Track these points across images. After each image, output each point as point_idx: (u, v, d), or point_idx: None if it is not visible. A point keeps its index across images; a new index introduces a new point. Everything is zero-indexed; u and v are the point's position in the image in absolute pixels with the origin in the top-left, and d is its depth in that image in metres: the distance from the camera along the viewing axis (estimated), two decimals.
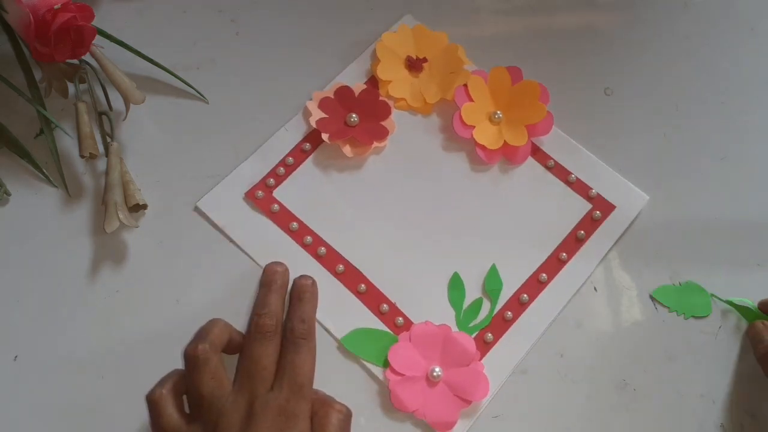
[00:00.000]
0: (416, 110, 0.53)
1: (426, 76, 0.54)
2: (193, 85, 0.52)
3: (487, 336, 0.47)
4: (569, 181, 0.51)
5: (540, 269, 0.49)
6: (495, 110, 0.53)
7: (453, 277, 0.48)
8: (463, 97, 0.52)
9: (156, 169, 0.50)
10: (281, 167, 0.50)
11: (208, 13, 0.55)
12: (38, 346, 0.45)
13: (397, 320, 0.47)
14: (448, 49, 0.54)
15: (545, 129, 0.52)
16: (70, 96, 0.50)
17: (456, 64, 0.54)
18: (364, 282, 0.47)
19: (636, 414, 0.46)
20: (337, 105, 0.52)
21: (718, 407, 0.47)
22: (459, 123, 0.52)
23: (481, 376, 0.45)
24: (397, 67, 0.54)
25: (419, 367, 0.45)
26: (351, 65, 0.54)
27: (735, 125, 0.55)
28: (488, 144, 0.51)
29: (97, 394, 0.44)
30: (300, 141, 0.51)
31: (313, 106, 0.52)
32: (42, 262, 0.47)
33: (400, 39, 0.54)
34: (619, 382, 0.47)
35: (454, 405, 0.44)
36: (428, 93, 0.53)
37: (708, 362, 0.48)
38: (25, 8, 0.44)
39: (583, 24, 0.57)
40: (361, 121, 0.51)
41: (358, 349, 0.46)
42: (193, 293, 0.47)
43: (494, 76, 0.53)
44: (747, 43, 0.58)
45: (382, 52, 0.54)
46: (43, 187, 0.49)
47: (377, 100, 0.52)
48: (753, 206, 0.52)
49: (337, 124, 0.51)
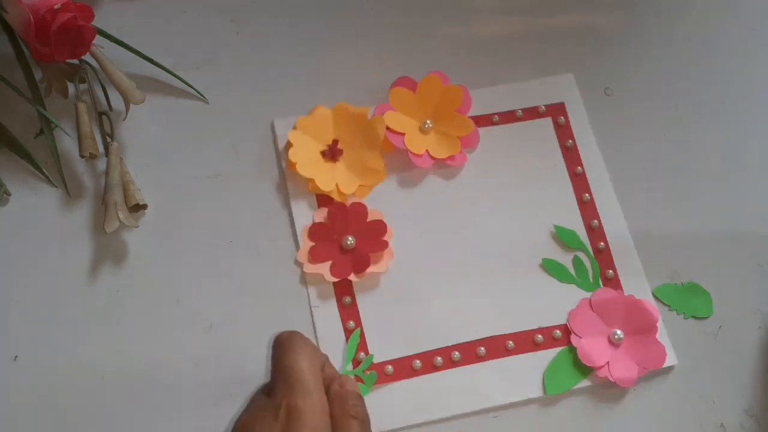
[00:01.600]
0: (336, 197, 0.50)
1: (344, 163, 0.50)
2: (193, 85, 0.52)
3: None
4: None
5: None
6: (424, 119, 0.51)
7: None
8: (384, 108, 0.51)
9: (156, 169, 0.50)
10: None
11: (208, 13, 0.55)
12: (38, 346, 0.45)
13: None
14: (368, 127, 0.51)
15: (474, 141, 0.52)
16: (70, 96, 0.50)
17: (376, 143, 0.51)
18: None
19: (636, 414, 0.46)
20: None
21: (718, 407, 0.47)
22: (391, 135, 0.51)
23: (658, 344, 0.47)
24: (313, 155, 0.50)
25: (601, 330, 0.47)
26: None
27: (735, 125, 0.55)
28: (417, 151, 0.50)
29: (97, 395, 0.44)
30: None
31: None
32: (42, 262, 0.47)
33: (316, 122, 0.51)
34: None
35: (634, 368, 0.46)
36: (346, 183, 0.50)
37: (708, 362, 0.48)
38: (25, 8, 0.44)
39: (583, 24, 0.57)
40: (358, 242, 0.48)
41: (561, 386, 0.46)
42: (193, 293, 0.47)
43: (425, 84, 0.52)
44: (747, 43, 0.58)
45: (296, 138, 0.50)
46: (43, 187, 0.49)
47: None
48: (753, 206, 0.52)
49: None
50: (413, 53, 0.54)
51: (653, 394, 0.47)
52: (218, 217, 0.49)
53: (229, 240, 0.49)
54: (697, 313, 0.49)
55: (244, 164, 0.50)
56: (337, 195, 0.49)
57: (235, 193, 0.50)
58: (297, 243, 0.48)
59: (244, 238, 0.49)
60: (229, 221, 0.49)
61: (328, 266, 0.47)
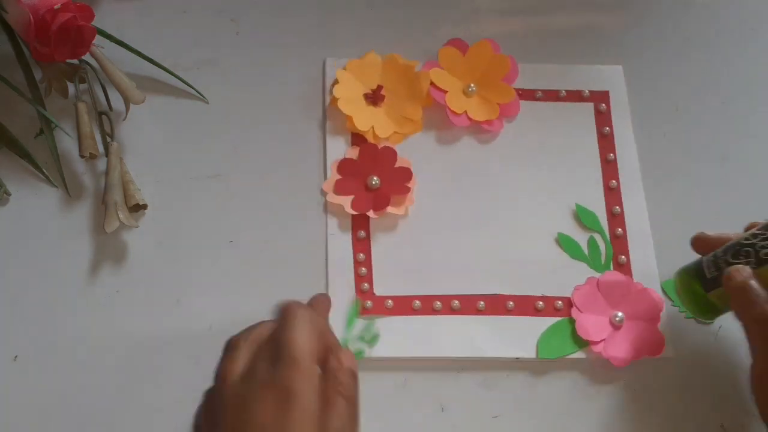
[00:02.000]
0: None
1: (387, 106, 0.53)
2: (193, 85, 0.52)
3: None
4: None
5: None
6: (469, 82, 0.53)
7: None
8: (432, 65, 0.53)
9: (156, 169, 0.50)
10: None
11: (208, 13, 0.55)
12: (38, 346, 0.45)
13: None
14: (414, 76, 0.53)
15: (513, 111, 0.53)
16: (70, 96, 0.50)
17: (418, 95, 0.53)
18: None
19: (636, 414, 0.46)
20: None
21: (718, 407, 0.47)
22: (432, 87, 0.53)
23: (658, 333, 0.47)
24: (356, 95, 0.53)
25: (603, 309, 0.48)
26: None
27: (735, 125, 0.55)
28: (456, 109, 0.52)
29: (97, 394, 0.44)
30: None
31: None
32: (42, 262, 0.47)
33: (365, 66, 0.53)
34: (619, 382, 0.47)
35: (630, 351, 0.46)
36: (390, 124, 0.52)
37: (708, 362, 0.48)
38: (25, 8, 0.44)
39: (583, 24, 0.57)
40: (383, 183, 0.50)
41: (553, 352, 0.47)
42: (193, 293, 0.47)
43: (477, 48, 0.54)
44: (747, 43, 0.58)
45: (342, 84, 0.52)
46: (43, 187, 0.49)
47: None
48: (753, 206, 0.52)
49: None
50: (408, 44, 0.55)
51: (653, 394, 0.47)
52: (218, 217, 0.49)
53: (229, 240, 0.49)
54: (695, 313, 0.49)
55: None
56: (371, 136, 0.51)
57: (235, 193, 0.50)
58: (326, 174, 0.50)
59: (268, 254, 0.49)
60: (229, 221, 0.49)
61: (350, 200, 0.49)
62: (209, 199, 0.50)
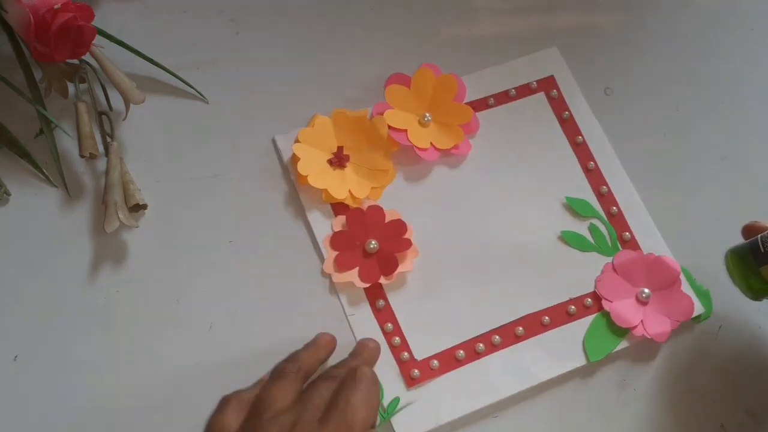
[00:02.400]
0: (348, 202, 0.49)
1: (352, 168, 0.50)
2: (193, 85, 0.52)
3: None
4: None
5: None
6: (423, 113, 0.52)
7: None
8: (382, 107, 0.51)
9: (156, 169, 0.50)
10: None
11: (208, 13, 0.55)
12: (38, 346, 0.45)
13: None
14: (371, 128, 0.51)
15: (474, 127, 0.52)
16: (70, 96, 0.50)
17: (380, 143, 0.51)
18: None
19: (636, 414, 0.46)
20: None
21: (718, 407, 0.47)
22: (394, 133, 0.50)
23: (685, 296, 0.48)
24: (321, 164, 0.50)
25: (628, 291, 0.48)
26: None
27: (735, 125, 0.55)
28: (422, 145, 0.51)
29: (96, 394, 0.44)
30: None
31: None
32: (42, 262, 0.47)
33: (318, 132, 0.51)
34: (619, 382, 0.47)
35: (666, 322, 0.47)
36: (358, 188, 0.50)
37: (708, 362, 0.48)
38: (25, 8, 0.44)
39: (583, 24, 0.57)
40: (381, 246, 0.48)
41: (602, 351, 0.47)
42: (193, 293, 0.47)
43: (418, 77, 0.52)
44: (747, 43, 0.58)
45: (301, 150, 0.50)
46: (43, 187, 0.49)
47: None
48: (753, 206, 0.52)
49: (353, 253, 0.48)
50: (404, 49, 0.54)
51: (653, 393, 0.47)
52: (218, 217, 0.49)
53: (229, 240, 0.49)
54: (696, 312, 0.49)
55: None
56: (351, 201, 0.49)
57: (235, 193, 0.50)
58: (319, 254, 0.48)
59: (266, 254, 0.48)
60: (229, 221, 0.49)
61: (356, 273, 0.47)
62: (209, 199, 0.50)
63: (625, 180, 0.52)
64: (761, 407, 0.47)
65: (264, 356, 0.44)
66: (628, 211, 0.51)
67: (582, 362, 0.46)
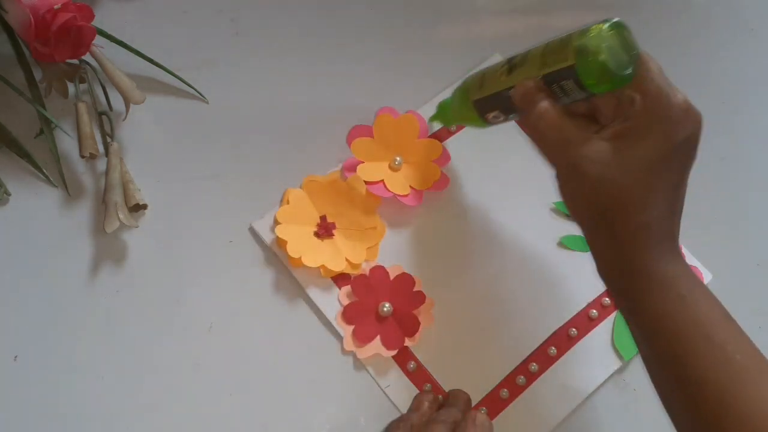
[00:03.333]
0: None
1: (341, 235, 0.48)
2: (193, 85, 0.52)
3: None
4: None
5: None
6: (392, 157, 0.50)
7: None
8: (351, 163, 0.50)
9: (156, 169, 0.50)
10: None
11: (208, 13, 0.55)
12: (38, 346, 0.45)
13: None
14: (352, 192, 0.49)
15: (446, 158, 0.51)
16: (70, 96, 0.50)
17: (362, 202, 0.49)
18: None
19: (636, 414, 0.46)
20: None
21: None
22: (372, 187, 0.49)
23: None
24: (308, 240, 0.48)
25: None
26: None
27: (735, 125, 0.55)
28: (402, 191, 0.49)
29: (96, 395, 0.44)
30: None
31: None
32: (42, 262, 0.47)
33: (295, 208, 0.48)
34: (619, 382, 0.47)
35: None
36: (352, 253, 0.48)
37: None
38: (25, 8, 0.44)
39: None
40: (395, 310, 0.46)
41: (633, 347, 0.46)
42: (194, 293, 0.47)
43: (379, 123, 0.51)
44: (747, 43, 0.58)
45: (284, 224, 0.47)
46: (43, 187, 0.49)
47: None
48: (753, 206, 0.52)
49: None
50: (363, 65, 0.53)
51: (653, 394, 0.47)
52: (218, 217, 0.49)
53: (229, 240, 0.49)
54: None
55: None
56: (350, 269, 0.47)
57: (235, 193, 0.50)
58: (334, 332, 0.46)
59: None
60: (230, 221, 0.49)
61: (379, 342, 0.46)
62: (209, 199, 0.50)
63: None
64: None
65: (263, 355, 0.44)
66: None
67: (618, 364, 0.47)
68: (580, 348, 0.47)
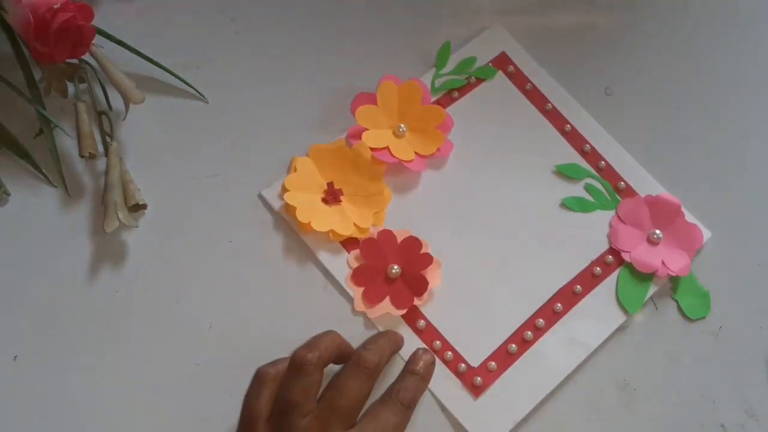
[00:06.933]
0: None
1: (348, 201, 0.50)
2: (193, 85, 0.52)
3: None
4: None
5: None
6: (396, 125, 0.51)
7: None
8: (356, 130, 0.51)
9: (156, 169, 0.50)
10: None
11: (208, 13, 0.55)
12: (38, 346, 0.45)
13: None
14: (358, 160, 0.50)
15: (450, 125, 0.52)
16: (69, 96, 0.50)
17: (368, 168, 0.50)
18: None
19: (636, 414, 0.46)
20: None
21: (718, 407, 0.47)
22: (377, 153, 0.50)
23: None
24: (317, 207, 0.49)
25: (640, 237, 0.50)
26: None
27: (735, 125, 0.55)
28: (407, 157, 0.50)
29: (96, 395, 0.44)
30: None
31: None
32: (42, 262, 0.47)
33: (302, 175, 0.50)
34: (619, 382, 0.47)
35: (684, 255, 0.49)
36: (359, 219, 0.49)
37: (708, 362, 0.48)
38: (25, 8, 0.44)
39: (583, 24, 0.57)
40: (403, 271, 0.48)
41: (637, 302, 0.48)
42: (194, 293, 0.47)
43: (383, 91, 0.51)
44: (747, 43, 0.57)
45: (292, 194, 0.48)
46: (43, 187, 0.49)
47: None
48: (752, 206, 0.52)
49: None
50: (362, 65, 0.53)
51: (653, 394, 0.47)
52: (218, 217, 0.49)
53: (229, 240, 0.49)
54: (696, 312, 0.49)
55: (249, 237, 0.49)
56: (359, 233, 0.49)
57: (235, 193, 0.50)
58: (344, 293, 0.48)
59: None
60: (230, 221, 0.49)
61: (389, 302, 0.47)
62: (209, 199, 0.49)
63: (602, 132, 0.53)
64: (761, 407, 0.47)
65: (263, 355, 0.44)
66: (615, 162, 0.52)
67: (623, 318, 0.48)
68: (585, 304, 0.48)
